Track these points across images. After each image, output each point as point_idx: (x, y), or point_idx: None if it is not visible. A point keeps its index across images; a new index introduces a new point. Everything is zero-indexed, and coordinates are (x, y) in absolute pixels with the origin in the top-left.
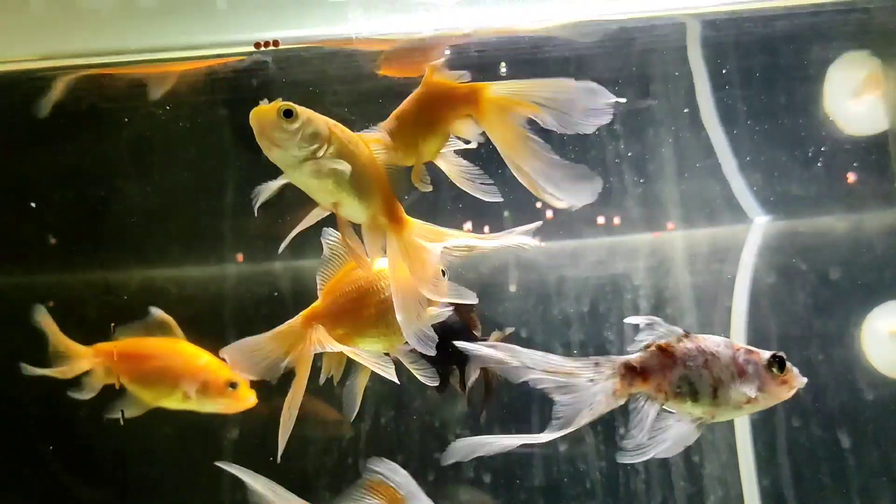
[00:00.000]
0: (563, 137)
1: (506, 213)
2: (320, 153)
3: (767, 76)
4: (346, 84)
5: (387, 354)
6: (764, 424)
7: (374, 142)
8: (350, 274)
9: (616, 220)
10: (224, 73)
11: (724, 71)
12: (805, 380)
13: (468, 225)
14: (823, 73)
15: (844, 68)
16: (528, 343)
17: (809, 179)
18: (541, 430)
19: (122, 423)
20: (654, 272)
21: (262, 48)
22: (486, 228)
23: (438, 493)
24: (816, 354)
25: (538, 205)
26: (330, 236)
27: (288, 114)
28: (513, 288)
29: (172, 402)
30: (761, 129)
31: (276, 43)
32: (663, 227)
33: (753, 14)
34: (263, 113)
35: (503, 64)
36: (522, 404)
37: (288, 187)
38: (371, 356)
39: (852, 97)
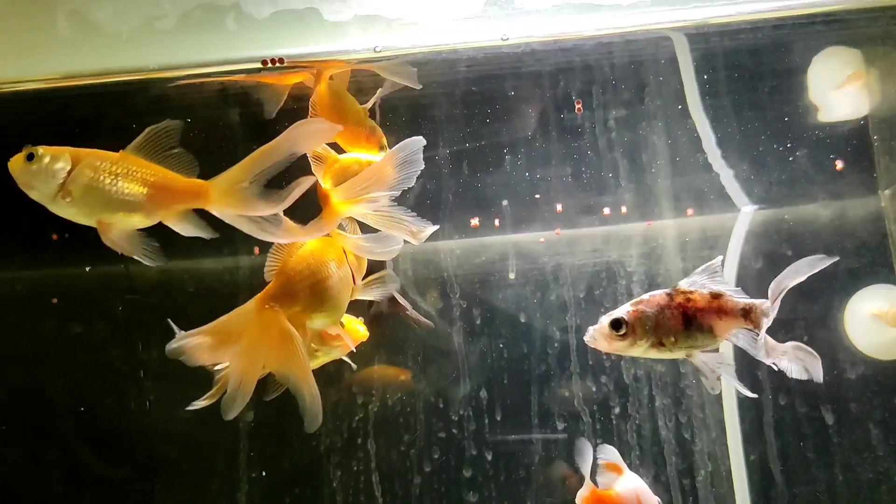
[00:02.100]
0: (562, 134)
1: (504, 203)
2: (68, 183)
3: (752, 77)
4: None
5: None
6: (751, 402)
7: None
8: (299, 254)
9: (613, 210)
10: (234, 88)
11: (710, 74)
12: None
13: (475, 220)
14: (806, 70)
15: (825, 61)
16: (526, 328)
17: (794, 170)
18: (540, 415)
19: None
20: (647, 259)
21: (269, 66)
22: (496, 221)
23: (443, 469)
24: (801, 336)
25: (536, 196)
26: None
27: (30, 157)
28: (512, 275)
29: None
30: (747, 124)
31: (280, 60)
32: (656, 216)
33: (740, 25)
34: (13, 162)
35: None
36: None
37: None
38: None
39: (834, 89)
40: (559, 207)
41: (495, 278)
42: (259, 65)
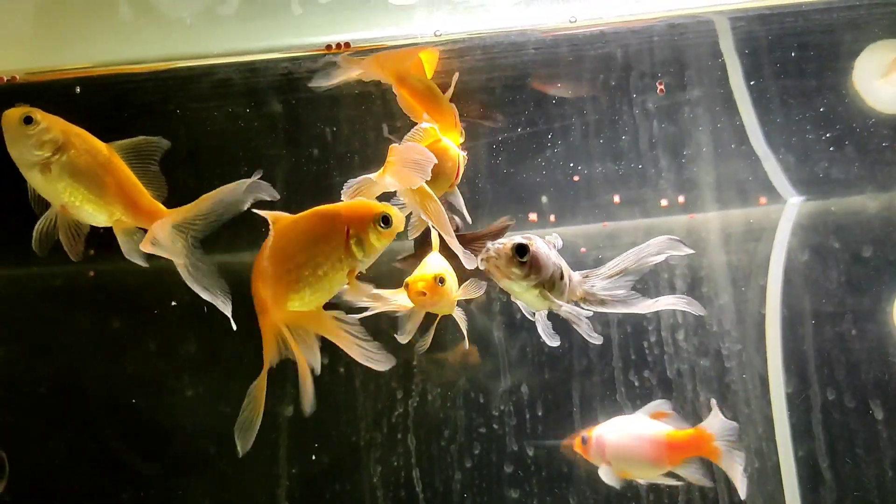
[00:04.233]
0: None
1: (544, 199)
2: (52, 160)
3: (798, 64)
4: None
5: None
6: (799, 397)
7: None
8: (274, 234)
9: (659, 201)
10: (300, 73)
11: (756, 61)
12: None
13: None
14: (853, 58)
15: (873, 52)
16: (567, 323)
17: (841, 160)
18: (582, 410)
19: None
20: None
21: (334, 51)
22: (531, 216)
23: (483, 464)
24: (849, 330)
25: (575, 178)
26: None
27: (28, 120)
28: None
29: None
30: (793, 113)
31: (347, 45)
32: (700, 208)
33: (784, 9)
34: (9, 115)
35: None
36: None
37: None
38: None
39: (881, 78)
40: (616, 199)
41: None
42: (324, 50)
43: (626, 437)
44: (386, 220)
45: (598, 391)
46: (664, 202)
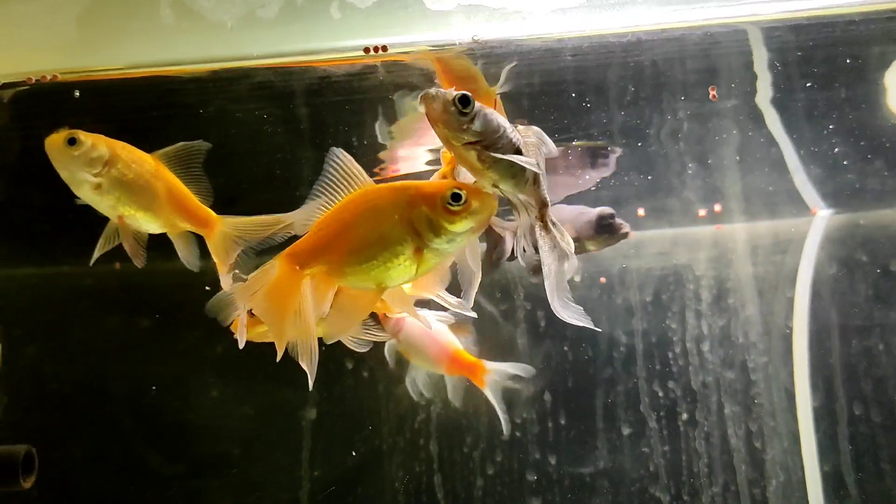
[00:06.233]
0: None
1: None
2: (102, 174)
3: (830, 76)
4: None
5: None
6: (826, 412)
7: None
8: (334, 210)
9: (686, 212)
10: (337, 76)
11: (787, 72)
12: None
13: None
14: (885, 71)
15: None
16: (592, 332)
17: (871, 173)
18: (605, 419)
19: None
20: (716, 263)
21: (372, 53)
22: None
23: (505, 472)
24: (877, 344)
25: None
26: (335, 157)
27: (72, 141)
28: (577, 278)
29: None
30: (823, 125)
31: (384, 48)
32: (728, 219)
33: (818, 20)
34: (52, 140)
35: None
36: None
37: None
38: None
39: None
40: (641, 212)
41: None
42: (362, 52)
43: (423, 330)
44: (456, 198)
45: (622, 400)
46: (702, 212)
